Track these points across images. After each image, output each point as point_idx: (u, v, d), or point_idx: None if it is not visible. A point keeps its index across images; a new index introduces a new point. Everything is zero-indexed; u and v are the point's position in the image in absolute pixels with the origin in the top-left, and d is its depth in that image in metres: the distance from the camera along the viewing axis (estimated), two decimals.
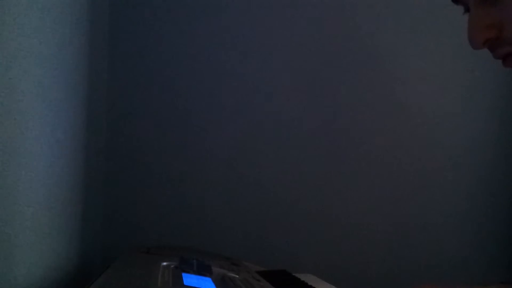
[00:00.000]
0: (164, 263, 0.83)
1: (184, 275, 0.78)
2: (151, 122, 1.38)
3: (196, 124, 1.39)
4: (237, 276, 0.89)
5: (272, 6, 1.41)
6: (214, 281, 0.79)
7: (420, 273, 1.41)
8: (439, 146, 1.45)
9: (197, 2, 1.39)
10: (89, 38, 1.16)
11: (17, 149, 0.75)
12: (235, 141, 1.40)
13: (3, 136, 0.70)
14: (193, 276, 0.78)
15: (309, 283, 1.03)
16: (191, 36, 1.39)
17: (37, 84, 0.83)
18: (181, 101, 1.39)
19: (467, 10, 0.66)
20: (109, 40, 1.36)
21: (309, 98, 1.42)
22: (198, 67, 1.39)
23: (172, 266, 0.83)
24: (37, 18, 0.82)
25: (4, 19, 0.69)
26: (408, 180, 1.44)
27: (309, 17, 1.42)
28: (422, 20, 1.43)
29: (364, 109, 1.43)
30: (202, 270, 0.84)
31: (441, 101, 1.45)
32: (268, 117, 1.41)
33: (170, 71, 1.38)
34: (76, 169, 1.09)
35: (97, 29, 1.24)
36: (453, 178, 1.45)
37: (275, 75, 1.41)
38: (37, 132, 0.84)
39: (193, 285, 0.72)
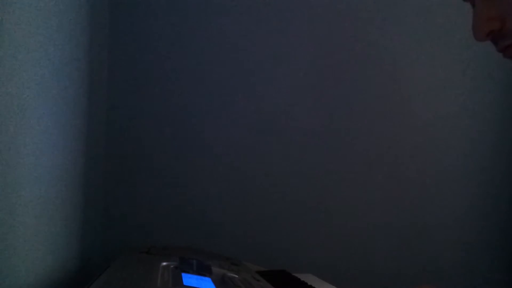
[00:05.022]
0: (164, 263, 0.83)
1: (184, 275, 0.78)
2: (151, 122, 1.38)
3: (196, 124, 1.39)
4: (237, 276, 0.89)
5: (273, 6, 1.41)
6: (214, 281, 0.79)
7: (420, 273, 1.41)
8: (439, 147, 1.45)
9: (197, 2, 1.39)
10: (89, 38, 1.16)
11: (18, 149, 0.75)
12: (235, 141, 1.40)
13: (3, 136, 0.70)
14: (192, 276, 0.79)
15: (309, 283, 1.03)
16: (191, 36, 1.39)
17: (37, 84, 0.83)
18: (181, 101, 1.39)
19: (473, 6, 0.68)
20: (109, 40, 1.36)
21: (309, 98, 1.42)
22: (199, 67, 1.39)
23: (172, 266, 0.83)
24: (37, 18, 0.82)
25: (3, 19, 0.69)
26: (408, 180, 1.44)
27: (309, 17, 1.42)
28: (423, 21, 1.43)
29: (364, 110, 1.43)
30: (202, 270, 0.84)
31: (441, 102, 1.45)
32: (269, 117, 1.41)
33: (170, 71, 1.38)
34: (76, 169, 1.09)
35: (97, 29, 1.24)
36: (453, 178, 1.45)
37: (276, 75, 1.41)
38: (38, 132, 0.84)
39: (192, 285, 0.72)
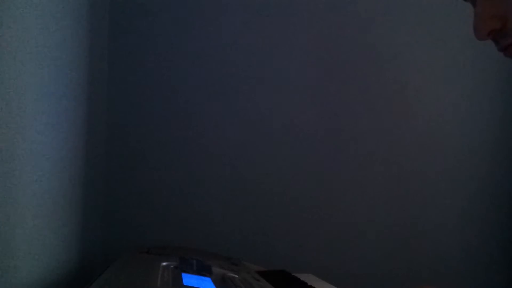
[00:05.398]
0: (164, 263, 0.83)
1: (184, 275, 0.78)
2: (151, 122, 1.38)
3: (196, 124, 1.39)
4: (237, 276, 0.89)
5: (273, 6, 1.41)
6: (214, 281, 0.79)
7: (420, 273, 1.41)
8: (440, 147, 1.45)
9: (197, 2, 1.39)
10: (89, 38, 1.16)
11: (18, 150, 0.75)
12: (235, 140, 1.40)
13: (4, 136, 0.70)
14: (192, 276, 0.79)
15: (309, 283, 1.03)
16: (191, 36, 1.39)
17: (37, 85, 0.83)
18: (181, 101, 1.39)
19: (474, 6, 0.67)
20: (109, 40, 1.36)
21: (310, 98, 1.42)
22: (198, 67, 1.39)
23: (172, 266, 0.83)
24: (37, 18, 0.82)
25: (3, 19, 0.69)
26: (409, 180, 1.43)
27: (310, 17, 1.42)
28: (424, 21, 1.43)
29: (364, 110, 1.43)
30: (202, 270, 0.84)
31: (442, 102, 1.45)
32: (269, 117, 1.41)
33: (170, 71, 1.38)
34: (76, 169, 1.09)
35: (97, 29, 1.24)
36: (453, 178, 1.45)
37: (276, 75, 1.41)
38: (38, 132, 0.84)
39: (192, 285, 0.72)
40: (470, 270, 1.44)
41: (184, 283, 0.72)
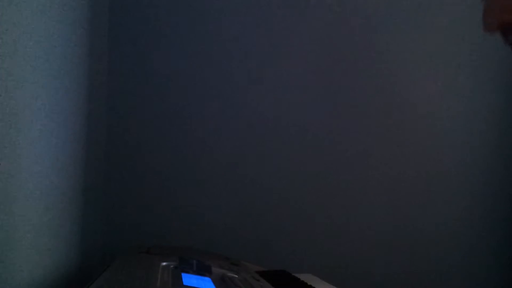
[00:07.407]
0: (164, 263, 0.83)
1: (184, 275, 0.78)
2: (151, 122, 1.38)
3: (196, 124, 1.39)
4: (237, 276, 0.89)
5: (273, 6, 1.41)
6: (214, 281, 0.79)
7: (420, 274, 1.41)
8: (440, 147, 1.45)
9: (197, 2, 1.39)
10: (89, 38, 1.16)
11: (18, 150, 0.75)
12: (235, 141, 1.40)
13: (4, 136, 0.70)
14: (192, 276, 0.79)
15: (309, 283, 1.03)
16: (191, 36, 1.39)
17: (37, 85, 0.83)
18: (181, 101, 1.39)
19: None
20: (109, 40, 1.36)
21: (310, 98, 1.42)
22: (199, 67, 1.39)
23: (172, 266, 0.83)
24: (37, 18, 0.82)
25: (3, 19, 0.69)
26: (409, 180, 1.43)
27: (310, 17, 1.42)
28: (425, 19, 1.43)
29: (365, 110, 1.43)
30: (202, 270, 0.84)
31: (442, 102, 1.45)
32: (268, 118, 1.41)
33: (170, 71, 1.38)
34: (76, 169, 1.09)
35: (97, 29, 1.24)
36: (454, 179, 1.45)
37: (275, 75, 1.41)
38: (38, 132, 0.84)
39: (192, 285, 0.72)
40: (470, 270, 1.43)
41: (184, 283, 0.72)
